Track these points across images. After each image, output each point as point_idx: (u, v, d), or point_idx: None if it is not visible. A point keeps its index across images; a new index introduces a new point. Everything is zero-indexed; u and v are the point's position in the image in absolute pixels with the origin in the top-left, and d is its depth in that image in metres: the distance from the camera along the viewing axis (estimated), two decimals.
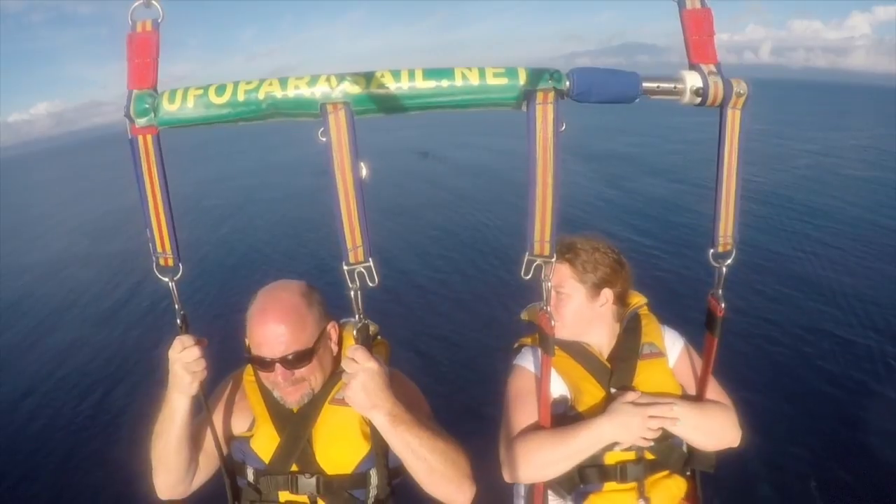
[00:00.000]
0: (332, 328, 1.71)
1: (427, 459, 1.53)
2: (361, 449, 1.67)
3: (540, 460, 1.74)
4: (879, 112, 39.99)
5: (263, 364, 1.58)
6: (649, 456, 1.87)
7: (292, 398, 1.64)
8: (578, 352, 1.92)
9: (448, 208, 16.25)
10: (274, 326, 1.54)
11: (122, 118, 1.35)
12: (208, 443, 1.70)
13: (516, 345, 2.08)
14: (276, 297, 1.59)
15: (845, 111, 44.66)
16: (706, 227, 1.52)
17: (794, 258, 10.49)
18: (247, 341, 1.63)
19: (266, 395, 1.71)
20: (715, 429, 1.82)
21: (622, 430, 1.75)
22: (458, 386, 6.73)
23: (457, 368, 7.31)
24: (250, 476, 1.71)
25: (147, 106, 1.33)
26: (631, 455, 1.85)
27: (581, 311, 1.90)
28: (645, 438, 1.77)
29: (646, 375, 1.88)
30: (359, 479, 1.68)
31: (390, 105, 1.36)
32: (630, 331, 1.95)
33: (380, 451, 1.64)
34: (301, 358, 1.58)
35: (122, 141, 1.38)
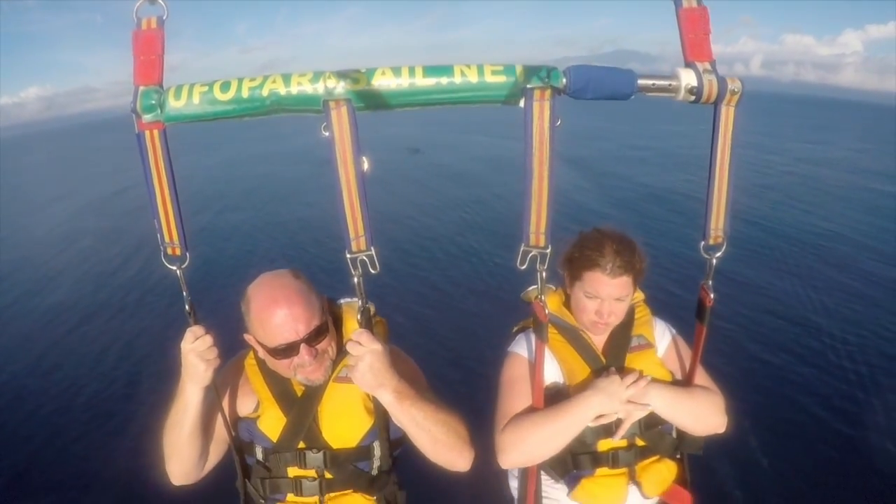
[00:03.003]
0: (323, 300, 1.76)
1: (431, 431, 1.61)
2: (365, 423, 1.75)
3: (532, 441, 1.79)
4: (861, 128, 40.58)
5: (289, 349, 1.59)
6: (640, 443, 1.93)
7: (317, 374, 1.68)
8: (575, 338, 1.97)
9: (443, 199, 16.42)
10: (289, 310, 1.57)
11: (116, 104, 1.42)
12: (218, 429, 1.76)
13: (515, 329, 2.12)
14: (278, 285, 1.62)
15: (827, 125, 45.17)
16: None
17: (748, 262, 10.47)
18: (252, 338, 1.66)
19: (270, 378, 1.77)
20: (701, 412, 1.87)
21: (606, 398, 1.79)
22: (455, 368, 6.83)
23: (453, 348, 7.42)
24: (259, 454, 1.79)
25: (153, 102, 1.36)
26: (623, 443, 1.91)
27: (628, 305, 1.96)
28: (632, 402, 1.81)
29: (635, 367, 1.92)
30: (363, 451, 1.77)
31: (391, 101, 1.39)
32: (623, 324, 1.99)
33: (382, 424, 1.74)
34: (321, 331, 1.63)
35: (115, 126, 1.41)
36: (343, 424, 1.75)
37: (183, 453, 1.68)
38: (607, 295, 1.85)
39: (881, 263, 10.72)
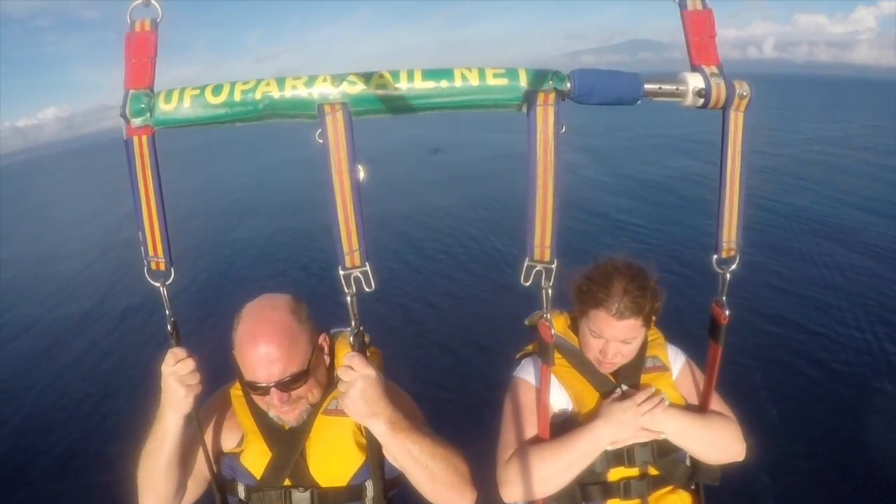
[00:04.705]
0: (323, 340, 1.67)
1: (428, 466, 1.49)
2: (356, 460, 1.64)
3: (538, 475, 1.68)
4: (876, 105, 40.00)
5: (259, 389, 1.52)
6: (653, 472, 1.82)
7: (290, 416, 1.59)
8: (582, 363, 1.88)
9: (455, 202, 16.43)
10: (267, 350, 1.48)
11: None
12: (199, 464, 1.65)
13: (518, 355, 2.03)
14: (265, 319, 1.52)
15: (842, 104, 44.36)
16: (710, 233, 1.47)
17: (760, 244, 10.35)
18: (236, 359, 1.57)
19: (255, 410, 1.67)
20: (718, 441, 1.77)
21: (618, 428, 1.71)
22: (458, 392, 6.65)
23: (456, 373, 7.23)
24: (241, 493, 1.67)
25: (143, 106, 1.32)
26: (634, 471, 1.81)
27: (639, 345, 1.85)
28: (646, 430, 1.72)
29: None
30: (354, 491, 1.65)
31: (389, 106, 1.34)
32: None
33: (375, 462, 1.60)
34: (297, 379, 1.52)
35: None
36: (333, 460, 1.64)
37: (158, 485, 1.57)
38: (611, 336, 1.75)
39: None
